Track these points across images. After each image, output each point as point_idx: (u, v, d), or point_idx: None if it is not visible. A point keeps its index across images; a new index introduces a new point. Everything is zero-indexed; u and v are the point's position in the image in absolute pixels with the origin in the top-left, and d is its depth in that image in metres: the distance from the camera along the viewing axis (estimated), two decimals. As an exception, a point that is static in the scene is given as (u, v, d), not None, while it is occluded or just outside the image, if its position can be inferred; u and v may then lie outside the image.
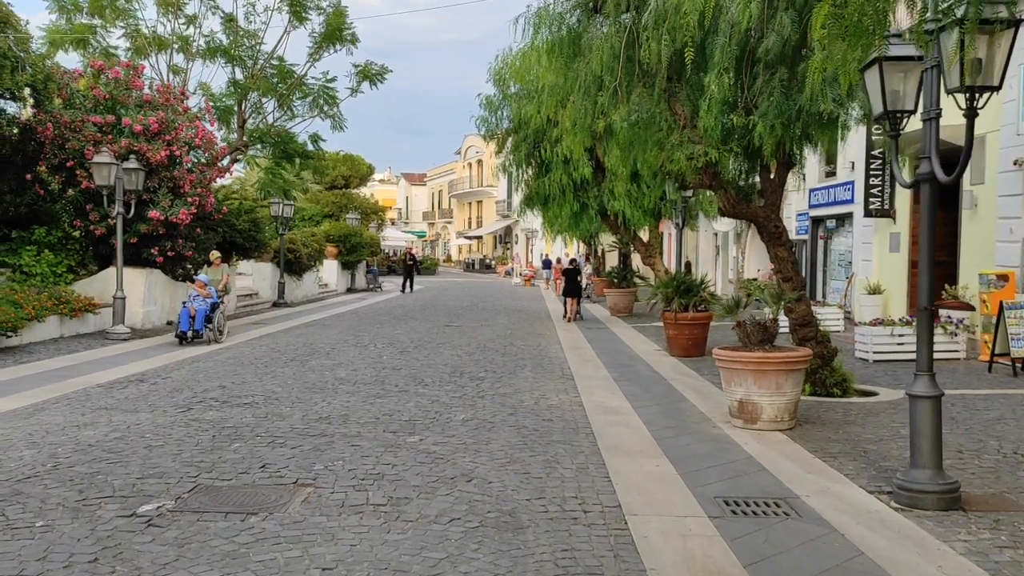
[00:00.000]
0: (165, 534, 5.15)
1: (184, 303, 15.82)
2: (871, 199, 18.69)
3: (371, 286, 38.15)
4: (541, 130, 20.17)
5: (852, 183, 20.67)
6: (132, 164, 16.41)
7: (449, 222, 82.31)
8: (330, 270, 35.71)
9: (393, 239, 66.32)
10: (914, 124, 6.31)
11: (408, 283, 37.02)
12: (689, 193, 16.77)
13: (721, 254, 34.56)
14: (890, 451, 7.63)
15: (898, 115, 6.46)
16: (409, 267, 38.17)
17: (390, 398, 10.04)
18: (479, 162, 71.53)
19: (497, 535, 5.24)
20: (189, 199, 17.67)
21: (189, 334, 15.31)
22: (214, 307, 15.89)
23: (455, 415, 9.06)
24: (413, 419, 8.79)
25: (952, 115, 6.09)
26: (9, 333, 13.74)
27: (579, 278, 22.80)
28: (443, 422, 8.68)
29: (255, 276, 27.81)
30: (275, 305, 26.37)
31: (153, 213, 17.14)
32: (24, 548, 4.87)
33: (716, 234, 34.44)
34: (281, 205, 26.39)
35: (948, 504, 5.92)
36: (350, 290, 36.99)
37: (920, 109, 6.19)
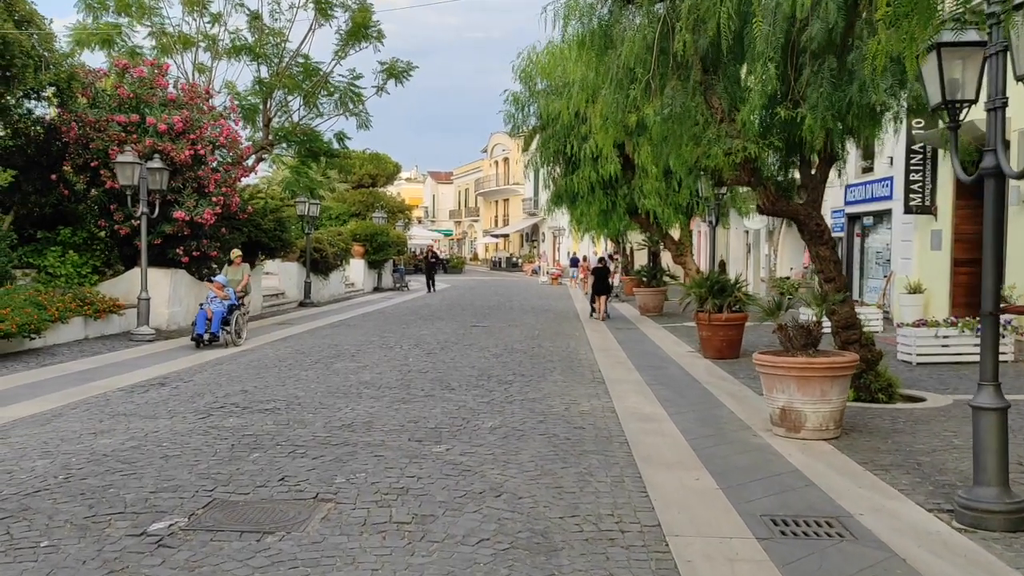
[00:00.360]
0: (176, 556, 4.84)
1: (201, 305, 15.35)
2: (912, 195, 18.07)
3: (398, 285, 37.95)
4: (569, 126, 19.76)
5: (891, 179, 20.04)
6: (156, 164, 16.24)
7: (476, 220, 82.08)
8: (357, 269, 35.55)
9: (420, 238, 66.15)
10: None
11: (430, 283, 36.26)
12: (724, 190, 16.25)
13: (752, 252, 33.92)
14: (945, 463, 7.16)
15: (957, 105, 6.00)
16: (431, 265, 37.22)
17: (416, 403, 9.71)
18: (505, 160, 71.20)
19: (529, 558, 4.88)
20: (214, 199, 17.48)
21: (206, 337, 14.73)
22: (232, 309, 15.31)
23: (483, 422, 8.71)
24: (439, 427, 8.45)
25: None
26: (32, 335, 13.60)
27: (609, 276, 22.65)
28: (470, 430, 8.34)
29: (281, 276, 27.68)
30: (301, 305, 26.22)
31: (178, 213, 16.97)
32: (25, 572, 4.58)
33: (747, 232, 33.81)
34: (307, 204, 26.22)
35: (1017, 524, 5.48)
36: (376, 289, 36.82)
37: (983, 98, 5.74)
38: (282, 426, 8.36)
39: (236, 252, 16.91)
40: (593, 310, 22.90)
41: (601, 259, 25.96)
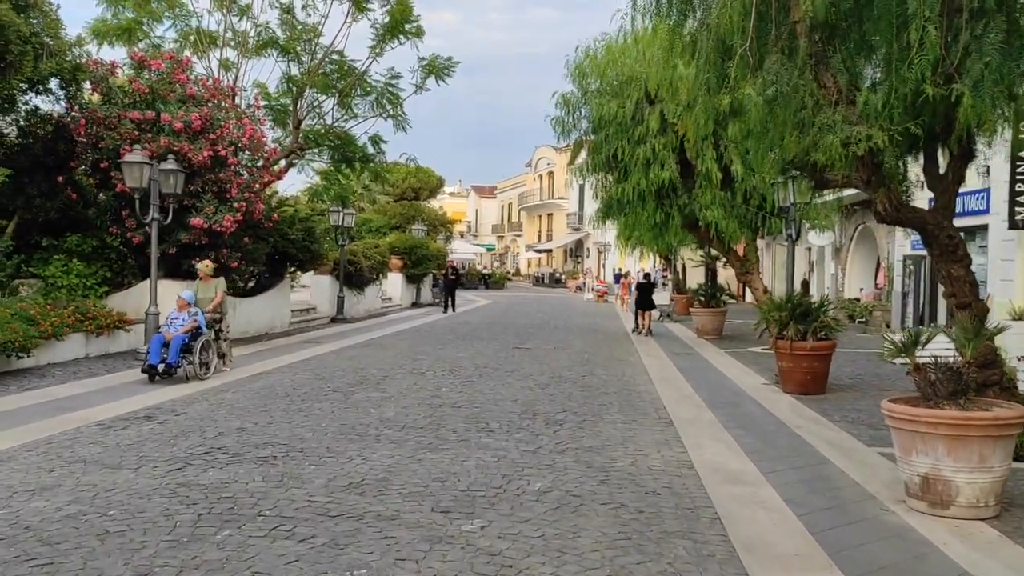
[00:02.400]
0: None
1: (159, 327, 12.72)
2: (1017, 208, 15.84)
3: (437, 300, 36.21)
4: (624, 127, 17.91)
5: (987, 190, 17.80)
6: (170, 165, 14.69)
7: (519, 235, 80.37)
8: (394, 284, 33.95)
9: (461, 252, 64.61)
10: None
11: (450, 302, 31.11)
12: (829, 195, 14.03)
13: (816, 271, 31.62)
14: None
15: None
16: (451, 283, 32.07)
17: (445, 452, 7.87)
18: (550, 174, 69.47)
19: None
20: (235, 205, 15.91)
21: (159, 367, 11.73)
22: (196, 334, 12.29)
23: (528, 482, 6.83)
24: (472, 489, 6.58)
25: None
26: (20, 354, 12.07)
27: (652, 292, 22.97)
28: (512, 495, 6.46)
29: (313, 289, 26.15)
30: (333, 321, 24.60)
31: (195, 220, 15.42)
32: None
33: (810, 248, 31.55)
34: (341, 214, 24.68)
35: None
36: (415, 305, 35.14)
37: None
38: (272, 484, 6.56)
39: (205, 264, 13.66)
40: (637, 325, 22.58)
41: (646, 275, 25.87)
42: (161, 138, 15.22)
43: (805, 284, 25.31)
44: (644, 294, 22.84)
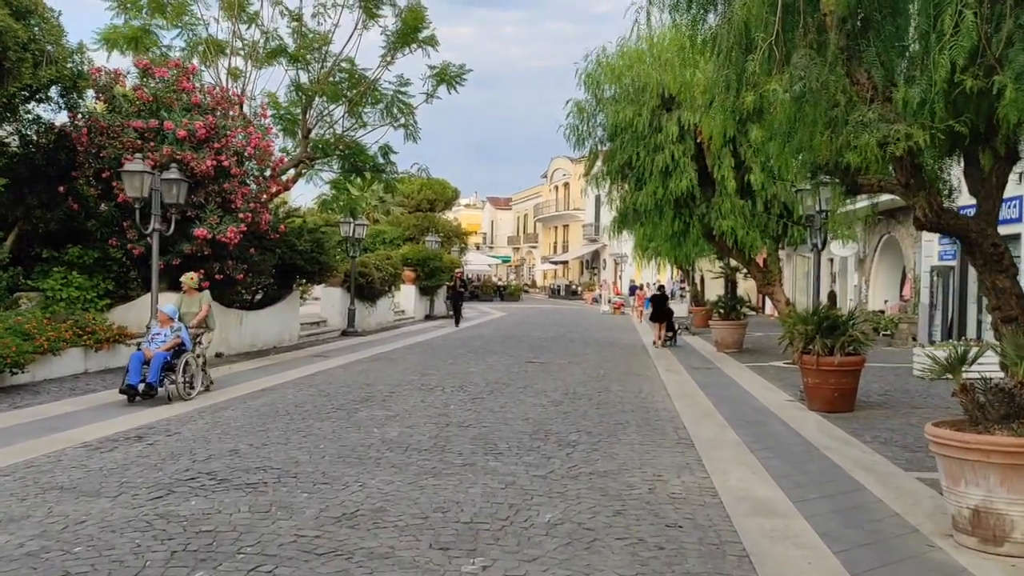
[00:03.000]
0: None
1: (138, 344, 11.83)
2: (1053, 216, 15.17)
3: (451, 313, 35.68)
4: (641, 135, 17.36)
5: (1020, 198, 17.12)
6: (173, 174, 14.29)
7: (534, 247, 79.85)
8: (407, 296, 33.51)
9: (476, 263, 64.19)
10: None
11: (456, 316, 30.08)
12: (854, 203, 13.38)
13: (839, 282, 30.87)
14: None
15: None
16: (458, 295, 30.70)
17: (448, 478, 7.32)
18: (566, 185, 68.99)
19: None
20: (240, 215, 15.48)
21: (140, 388, 10.89)
22: (179, 352, 11.42)
23: (538, 513, 6.27)
24: (476, 521, 6.03)
25: None
26: (14, 370, 11.64)
27: (667, 303, 23.26)
28: (520, 527, 5.91)
29: (323, 302, 25.72)
30: (344, 334, 24.15)
31: (199, 231, 14.99)
32: None
33: (832, 259, 30.81)
34: (352, 225, 24.25)
35: None
36: (428, 317, 34.66)
37: None
38: (259, 515, 6.04)
39: (189, 276, 12.81)
40: (659, 337, 22.68)
41: (661, 287, 26.47)
42: (164, 147, 14.82)
43: (832, 296, 24.50)
44: (658, 306, 23.02)
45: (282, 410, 10.76)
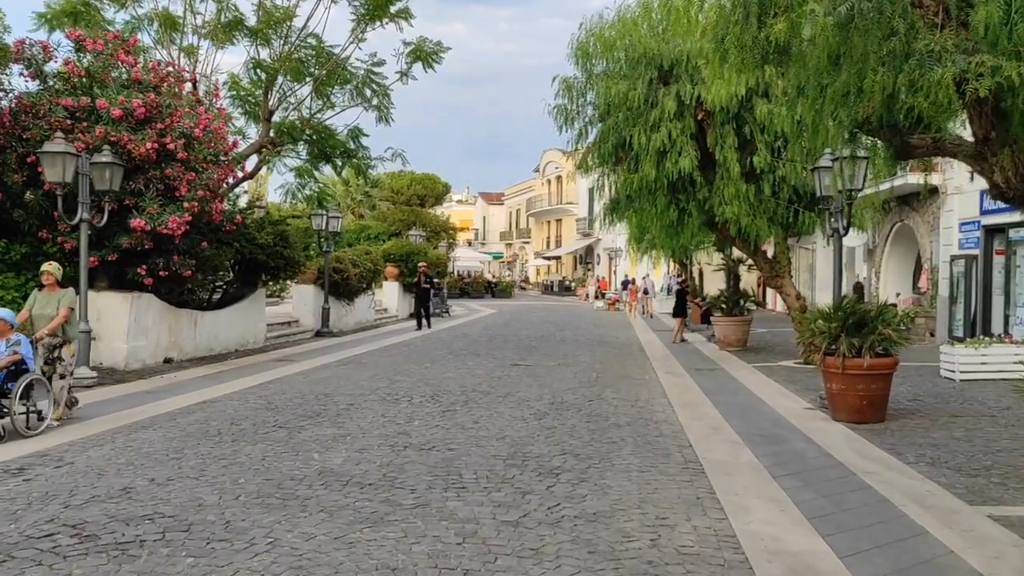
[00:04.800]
0: None
1: None
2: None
3: (437, 311, 33.96)
4: (637, 112, 15.66)
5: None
6: (105, 157, 12.61)
7: (527, 242, 78.13)
8: (390, 293, 31.81)
9: (466, 259, 62.49)
10: None
11: (423, 317, 25.76)
12: (913, 178, 11.58)
13: (846, 275, 29.19)
14: None
15: None
16: (424, 292, 26.08)
17: (390, 527, 5.63)
18: (558, 178, 67.24)
19: None
20: (185, 204, 13.76)
21: None
22: (17, 372, 8.55)
23: (501, 584, 4.61)
24: (414, 602, 4.37)
25: None
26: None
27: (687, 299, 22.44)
28: (473, 613, 4.24)
29: (295, 300, 23.97)
30: (318, 335, 22.42)
31: (136, 222, 13.26)
32: None
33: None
34: (325, 217, 22.52)
35: None
36: (413, 315, 32.91)
37: None
38: (111, 598, 4.36)
39: (49, 267, 9.71)
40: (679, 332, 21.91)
41: (681, 281, 25.95)
42: (97, 128, 13.10)
43: (859, 287, 22.79)
44: (679, 302, 22.64)
45: (213, 429, 9.06)
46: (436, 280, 31.14)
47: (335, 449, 8.08)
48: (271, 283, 21.26)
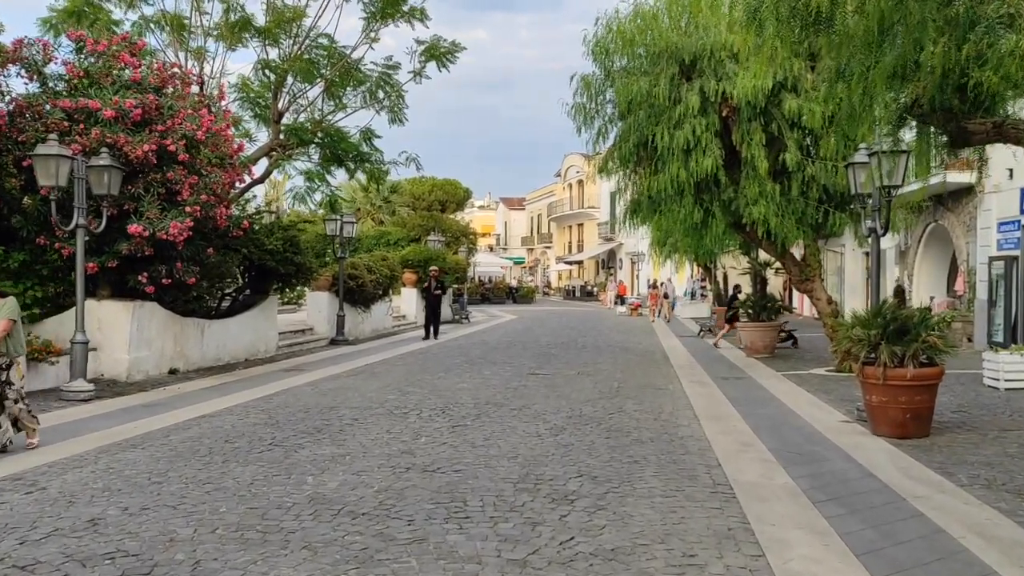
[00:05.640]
0: None
1: None
2: None
3: (456, 317, 33.37)
4: (659, 108, 14.95)
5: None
6: (103, 160, 12.11)
7: (548, 247, 77.41)
8: (408, 300, 31.23)
9: (487, 265, 61.89)
10: None
11: (431, 325, 23.62)
12: (953, 176, 10.80)
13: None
14: None
15: None
16: (435, 299, 23.84)
17: (381, 566, 4.98)
18: (580, 183, 66.52)
19: None
20: (187, 208, 13.23)
21: None
22: None
23: (500, 646, 3.93)
24: (394, 671, 3.70)
25: None
26: None
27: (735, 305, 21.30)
28: None
29: (309, 307, 23.44)
30: (332, 343, 21.86)
31: (133, 227, 12.75)
32: None
33: (867, 253, 28.18)
34: (339, 222, 21.97)
35: None
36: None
37: None
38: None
39: None
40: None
41: (736, 286, 25.09)
42: (93, 130, 12.60)
43: (899, 291, 21.81)
44: (731, 307, 21.91)
45: (204, 448, 8.45)
46: (447, 285, 29.45)
47: (331, 471, 7.44)
48: (286, 290, 20.72)
